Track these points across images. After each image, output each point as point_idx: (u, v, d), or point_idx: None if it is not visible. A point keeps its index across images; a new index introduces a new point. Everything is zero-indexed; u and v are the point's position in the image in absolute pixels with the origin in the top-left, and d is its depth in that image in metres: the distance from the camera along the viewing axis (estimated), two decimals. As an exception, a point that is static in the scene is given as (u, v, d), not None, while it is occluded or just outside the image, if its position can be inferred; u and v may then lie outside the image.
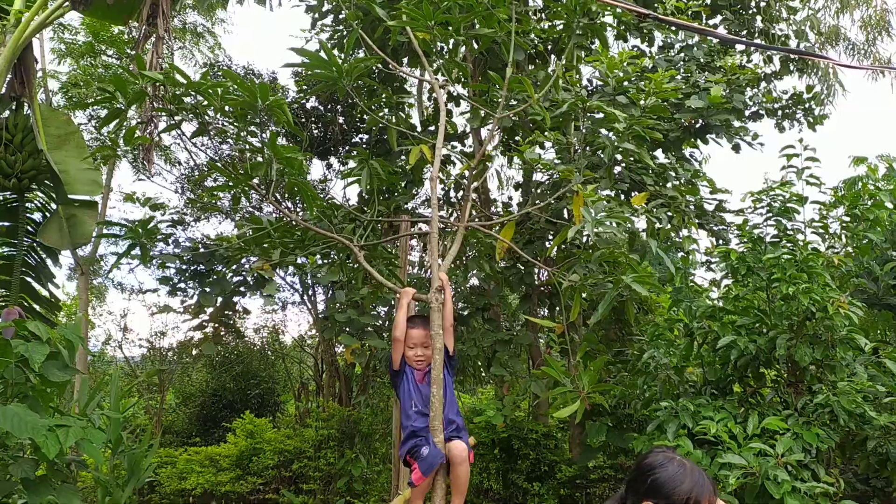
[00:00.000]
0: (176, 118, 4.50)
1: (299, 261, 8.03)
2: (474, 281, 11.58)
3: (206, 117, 4.39)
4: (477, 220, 8.27)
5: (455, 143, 10.41)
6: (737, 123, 8.84)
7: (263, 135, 4.45)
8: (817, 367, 6.39)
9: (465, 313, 9.82)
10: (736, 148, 8.75)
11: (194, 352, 14.47)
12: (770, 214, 6.71)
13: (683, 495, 2.29)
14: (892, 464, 6.17)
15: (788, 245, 6.48)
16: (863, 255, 7.60)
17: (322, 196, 10.90)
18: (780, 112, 9.36)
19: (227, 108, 4.45)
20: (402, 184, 10.50)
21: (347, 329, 8.07)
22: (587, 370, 5.15)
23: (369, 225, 5.40)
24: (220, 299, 7.38)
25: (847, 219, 7.62)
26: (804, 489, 5.52)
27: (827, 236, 6.76)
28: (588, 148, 8.16)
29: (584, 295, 5.87)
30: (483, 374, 11.52)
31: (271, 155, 4.18)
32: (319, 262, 9.22)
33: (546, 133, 8.06)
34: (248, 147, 4.64)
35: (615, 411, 9.15)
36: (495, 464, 9.92)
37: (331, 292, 11.21)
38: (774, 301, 6.48)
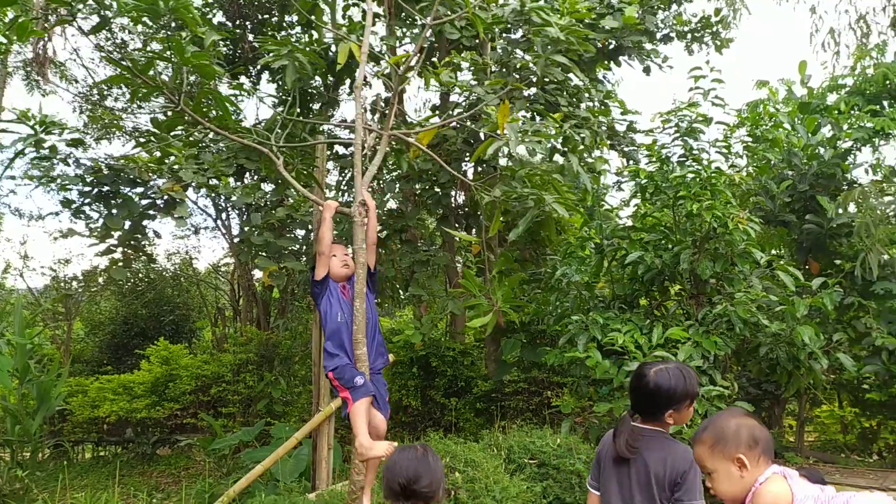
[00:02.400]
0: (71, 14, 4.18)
1: (212, 182, 7.80)
2: (392, 204, 11.57)
3: (108, 13, 4.10)
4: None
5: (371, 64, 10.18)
6: (648, 46, 8.97)
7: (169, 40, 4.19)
8: (717, 280, 6.76)
9: (383, 235, 9.84)
10: (647, 70, 8.92)
11: (101, 280, 14.02)
12: (677, 135, 6.94)
13: (690, 389, 2.80)
14: (782, 368, 6.67)
15: (694, 164, 6.72)
16: (761, 175, 7.99)
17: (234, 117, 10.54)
18: (689, 35, 9.55)
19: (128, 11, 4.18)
20: (319, 104, 10.26)
21: (264, 252, 7.95)
22: (501, 285, 5.29)
23: (286, 126, 5.25)
24: (128, 223, 7.12)
25: (749, 139, 7.97)
26: (702, 392, 5.91)
27: (730, 156, 7.04)
28: (504, 69, 8.16)
29: (505, 211, 5.97)
30: (402, 297, 11.68)
31: (181, 63, 3.96)
32: (233, 184, 8.99)
33: (463, 54, 7.98)
34: (153, 55, 4.35)
35: (529, 327, 9.48)
36: (414, 381, 10.16)
37: (246, 215, 10.98)
38: (679, 218, 6.76)
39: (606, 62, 9.09)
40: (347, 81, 9.32)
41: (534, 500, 5.05)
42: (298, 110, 10.04)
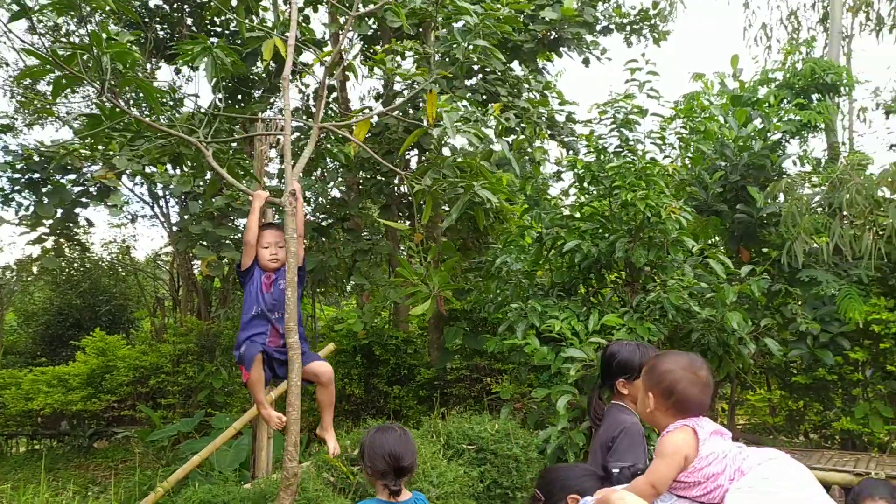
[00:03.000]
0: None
1: (148, 170, 7.65)
2: (335, 192, 11.51)
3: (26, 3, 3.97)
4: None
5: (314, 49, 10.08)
6: (589, 37, 9.10)
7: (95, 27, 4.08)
8: (651, 267, 6.93)
9: (326, 224, 9.80)
10: (586, 61, 9.06)
11: (34, 269, 13.63)
12: (614, 126, 7.07)
13: (639, 363, 2.89)
14: (713, 353, 6.88)
15: (629, 155, 6.86)
16: (696, 165, 8.22)
17: (171, 103, 10.33)
18: (628, 27, 9.73)
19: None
20: (259, 91, 10.13)
21: (203, 242, 7.84)
22: (438, 271, 5.34)
23: (214, 120, 5.17)
24: (59, 210, 6.95)
25: (684, 131, 8.18)
26: (635, 377, 6.07)
27: (664, 146, 7.20)
28: (447, 58, 8.19)
29: (441, 202, 6.00)
30: (345, 285, 11.66)
31: (100, 51, 3.85)
32: (171, 171, 8.82)
33: (403, 42, 7.97)
34: (75, 46, 4.20)
35: (471, 315, 9.57)
36: (357, 370, 10.17)
37: (184, 204, 10.79)
38: (615, 207, 6.91)
39: (548, 53, 9.20)
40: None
41: (470, 484, 5.14)
42: (239, 97, 9.91)
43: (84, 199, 6.97)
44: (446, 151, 7.63)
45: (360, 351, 10.13)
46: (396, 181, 9.60)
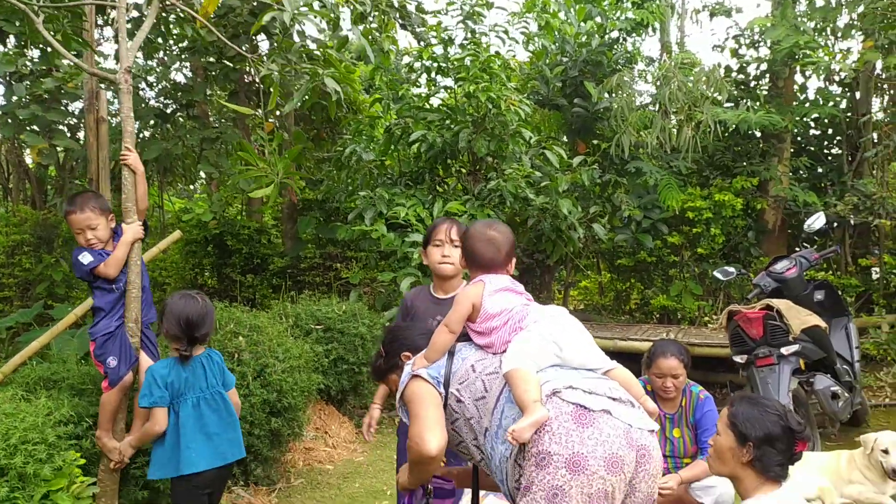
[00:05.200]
0: None
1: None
2: (179, 77, 11.00)
3: None
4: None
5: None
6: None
7: None
8: (493, 157, 7.31)
9: (169, 110, 9.41)
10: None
11: None
12: (461, 17, 7.22)
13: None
14: (547, 238, 7.45)
15: (474, 47, 7.07)
16: (538, 60, 8.56)
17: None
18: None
19: None
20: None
21: (33, 127, 7.37)
22: (282, 157, 5.41)
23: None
24: None
25: (529, 26, 8.46)
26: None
27: (508, 40, 7.45)
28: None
29: (292, 90, 5.94)
30: (194, 175, 11.37)
31: None
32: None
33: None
34: None
35: (324, 205, 9.71)
36: (209, 260, 10.11)
37: (10, 84, 9.96)
38: (459, 99, 7.16)
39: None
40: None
41: (316, 359, 5.45)
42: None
43: None
44: (296, 37, 7.50)
45: (212, 241, 10.04)
46: (248, 67, 9.31)
